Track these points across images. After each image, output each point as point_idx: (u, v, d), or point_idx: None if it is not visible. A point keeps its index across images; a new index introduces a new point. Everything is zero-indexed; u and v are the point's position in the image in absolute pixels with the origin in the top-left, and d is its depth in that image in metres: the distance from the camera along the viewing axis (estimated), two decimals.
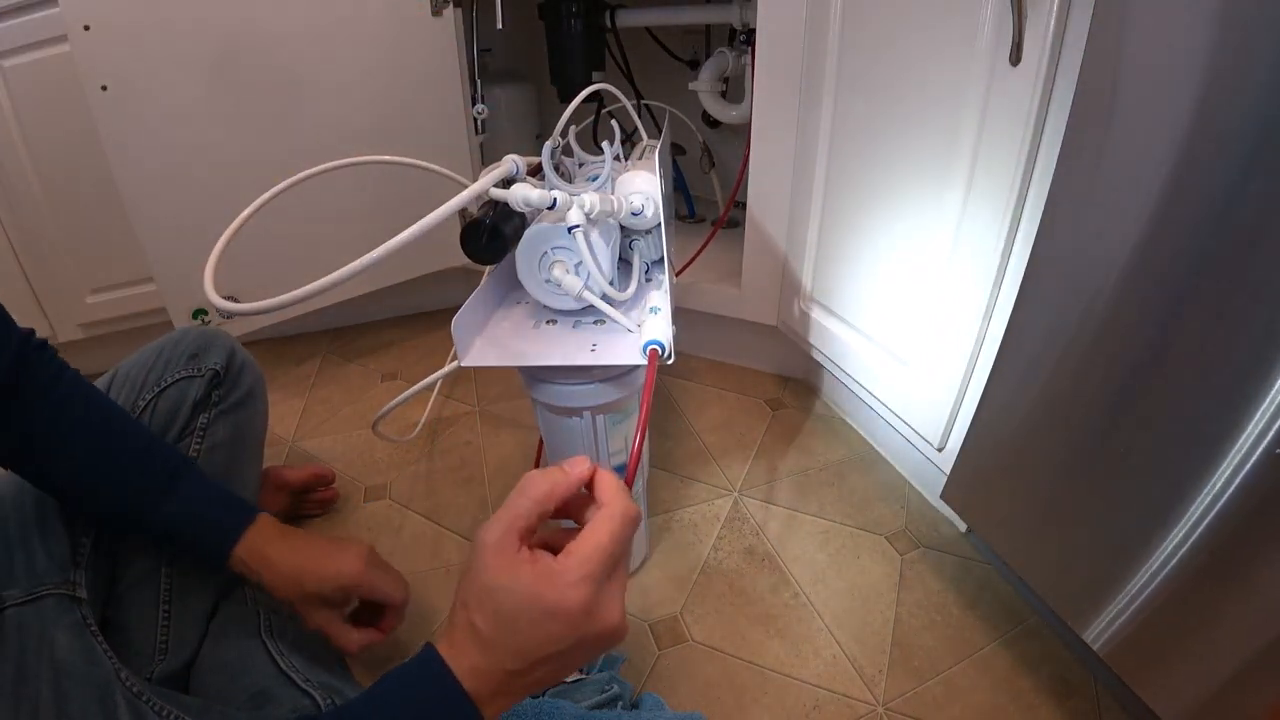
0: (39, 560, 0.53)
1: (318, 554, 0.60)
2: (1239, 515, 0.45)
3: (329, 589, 0.59)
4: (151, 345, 0.68)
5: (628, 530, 0.38)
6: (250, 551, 0.58)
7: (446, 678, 0.35)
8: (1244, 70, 0.41)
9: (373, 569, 0.62)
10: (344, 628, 0.61)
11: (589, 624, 0.35)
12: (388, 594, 0.62)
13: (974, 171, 0.67)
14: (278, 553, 0.58)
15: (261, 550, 0.58)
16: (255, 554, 0.58)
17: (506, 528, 0.36)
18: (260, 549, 0.58)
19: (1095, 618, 0.57)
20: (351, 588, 0.60)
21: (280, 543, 0.59)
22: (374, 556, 0.63)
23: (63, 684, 0.48)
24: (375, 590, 0.61)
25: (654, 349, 0.57)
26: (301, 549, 0.60)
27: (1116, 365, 0.53)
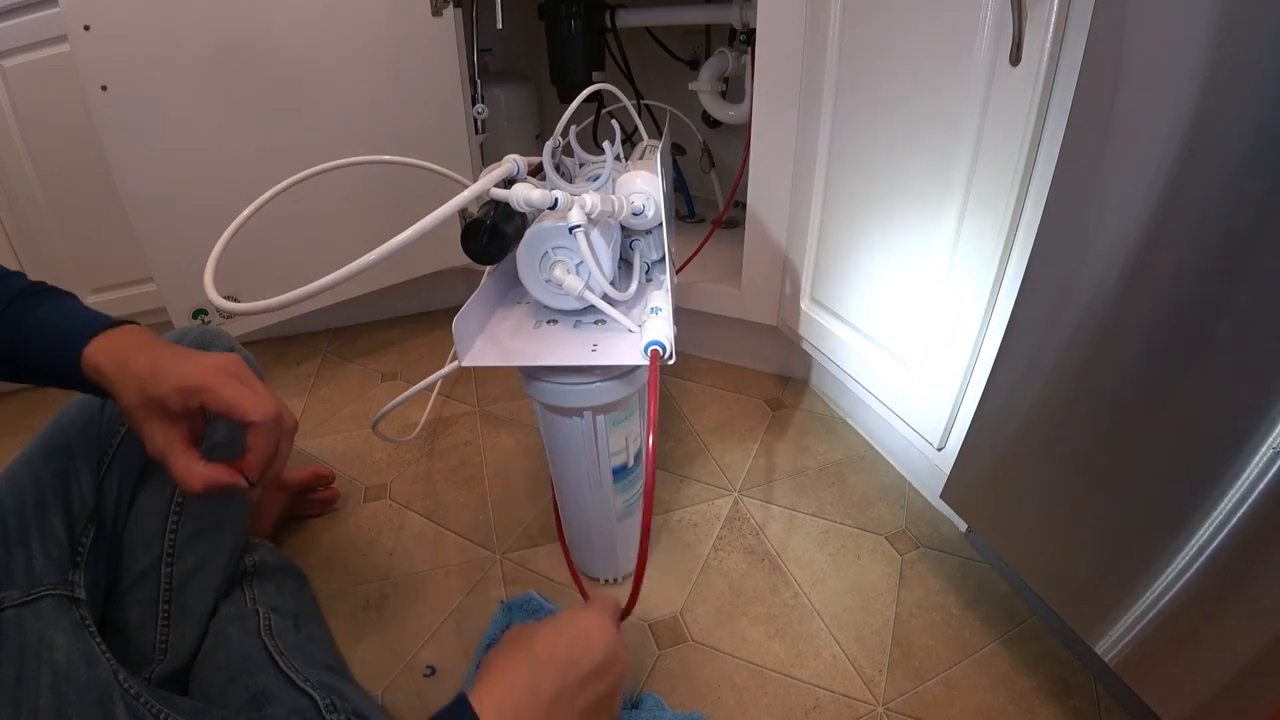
0: (37, 561, 0.53)
1: (171, 356, 0.49)
2: (1249, 521, 0.45)
3: (166, 390, 0.47)
4: None
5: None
6: (102, 352, 0.49)
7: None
8: (1243, 70, 0.41)
9: (226, 376, 0.49)
10: (184, 452, 0.49)
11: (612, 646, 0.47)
12: (236, 403, 0.48)
13: (974, 171, 0.67)
14: (133, 355, 0.49)
15: (118, 351, 0.49)
16: (106, 354, 0.49)
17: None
18: (113, 350, 0.49)
19: (1107, 629, 0.57)
20: (193, 390, 0.47)
21: (141, 348, 0.50)
22: (239, 367, 0.51)
23: (61, 686, 0.48)
24: (222, 399, 0.48)
25: (655, 349, 0.57)
26: (159, 350, 0.49)
27: (1116, 365, 0.53)
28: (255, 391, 0.50)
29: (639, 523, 0.80)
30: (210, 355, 0.50)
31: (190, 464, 0.49)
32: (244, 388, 0.49)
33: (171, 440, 0.48)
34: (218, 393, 0.48)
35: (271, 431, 0.50)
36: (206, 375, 0.48)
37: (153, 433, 0.48)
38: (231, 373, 0.50)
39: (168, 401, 0.47)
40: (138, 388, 0.47)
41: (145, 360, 0.48)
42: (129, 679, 0.51)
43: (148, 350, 0.49)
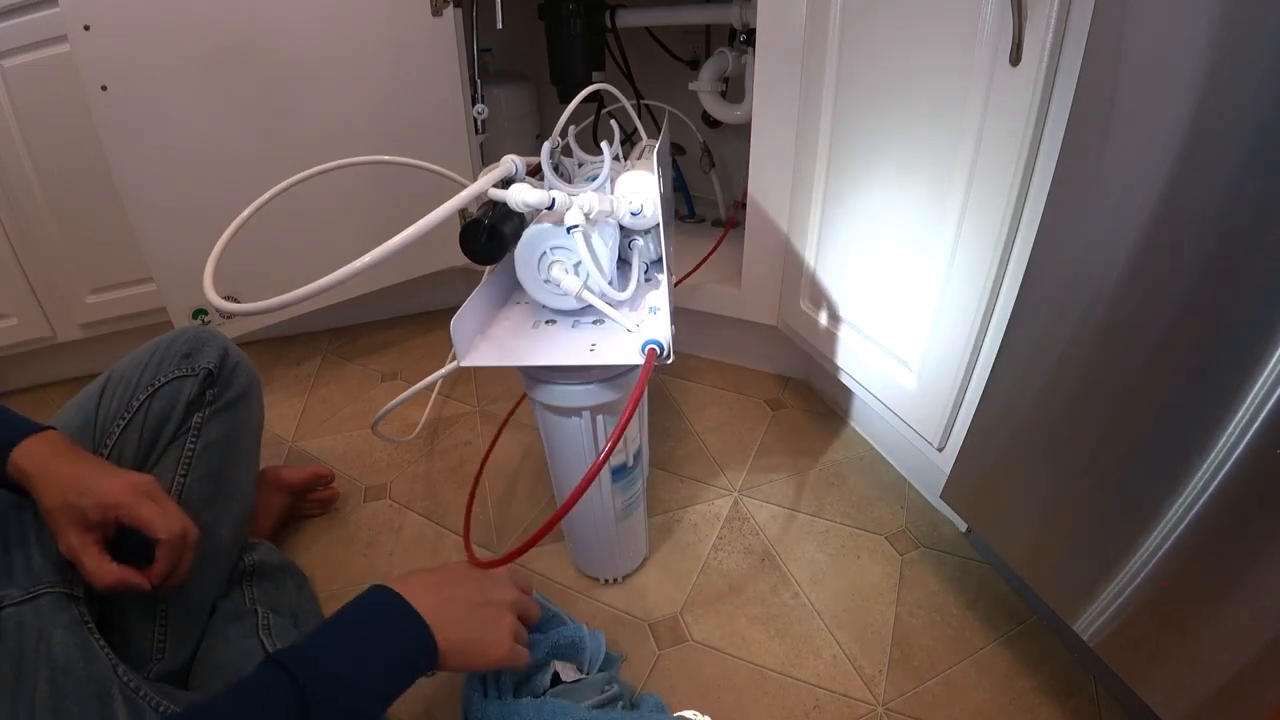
0: (36, 560, 0.54)
1: (94, 471, 0.55)
2: (1251, 522, 0.45)
3: (89, 503, 0.53)
4: (145, 346, 0.68)
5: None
6: (28, 456, 0.54)
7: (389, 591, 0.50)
8: (1243, 70, 0.40)
9: (140, 495, 0.55)
10: (98, 555, 0.54)
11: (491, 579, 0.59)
12: (148, 520, 0.54)
13: (974, 171, 0.67)
14: (57, 462, 0.55)
15: (40, 456, 0.54)
16: (33, 459, 0.54)
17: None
18: (39, 455, 0.55)
19: (1085, 608, 0.57)
20: (111, 506, 0.54)
21: (64, 456, 0.56)
22: (153, 488, 0.57)
23: (59, 681, 0.48)
24: (137, 516, 0.54)
25: (652, 348, 0.57)
26: (83, 465, 0.56)
27: (1116, 365, 0.53)
28: (165, 511, 0.56)
29: (639, 522, 0.80)
30: (128, 475, 0.57)
31: (100, 564, 0.54)
32: (156, 507, 0.56)
33: (85, 544, 0.54)
34: (134, 510, 0.54)
35: (177, 546, 0.56)
36: (124, 494, 0.55)
37: (68, 535, 0.53)
38: (146, 492, 0.56)
39: (89, 512, 0.53)
40: (60, 495, 0.53)
41: (70, 471, 0.54)
42: (128, 673, 0.51)
43: (71, 461, 0.55)
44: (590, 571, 0.82)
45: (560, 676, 0.67)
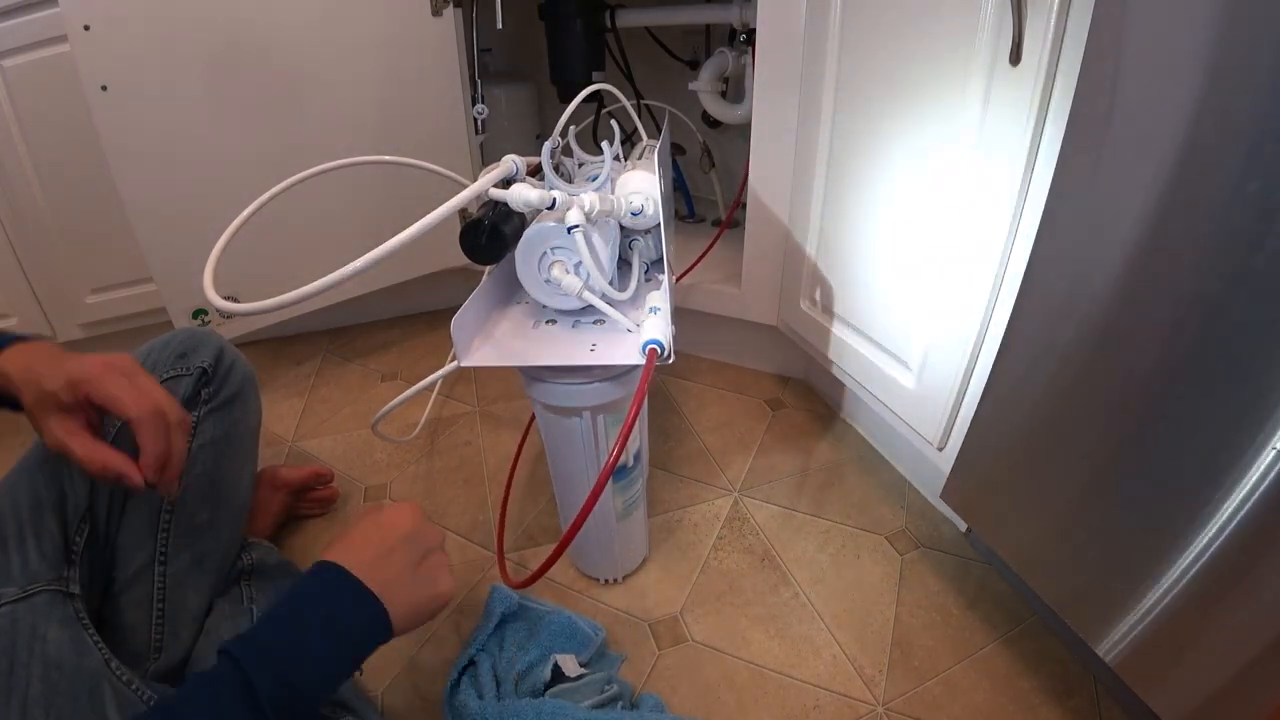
0: (32, 559, 0.54)
1: (70, 358, 0.52)
2: (1251, 522, 0.45)
3: (58, 384, 0.50)
4: (141, 348, 0.68)
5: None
6: (10, 360, 0.52)
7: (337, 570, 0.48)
8: (1243, 70, 0.40)
9: (110, 370, 0.51)
10: (86, 439, 0.51)
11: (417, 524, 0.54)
12: (115, 397, 0.50)
13: (974, 171, 0.67)
14: (39, 361, 0.51)
15: (23, 360, 0.52)
16: (15, 362, 0.51)
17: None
18: (22, 359, 0.52)
19: (1108, 630, 0.57)
20: (78, 382, 0.50)
21: (47, 354, 0.52)
22: (129, 365, 0.53)
23: (52, 677, 0.49)
24: (105, 393, 0.50)
25: (653, 348, 0.57)
26: (61, 356, 0.52)
27: (1116, 365, 0.53)
28: (138, 388, 0.51)
29: (639, 523, 0.80)
30: (104, 355, 0.52)
31: (88, 444, 0.50)
32: (126, 383, 0.51)
33: (69, 430, 0.50)
34: (100, 385, 0.50)
35: (154, 426, 0.51)
36: (92, 369, 0.50)
37: (50, 427, 0.50)
38: (119, 369, 0.52)
39: (59, 394, 0.49)
40: (35, 387, 0.50)
41: (45, 363, 0.51)
42: (121, 667, 0.52)
43: (49, 356, 0.52)
44: (590, 571, 0.82)
45: (561, 668, 0.67)
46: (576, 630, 0.72)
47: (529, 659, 0.69)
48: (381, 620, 0.48)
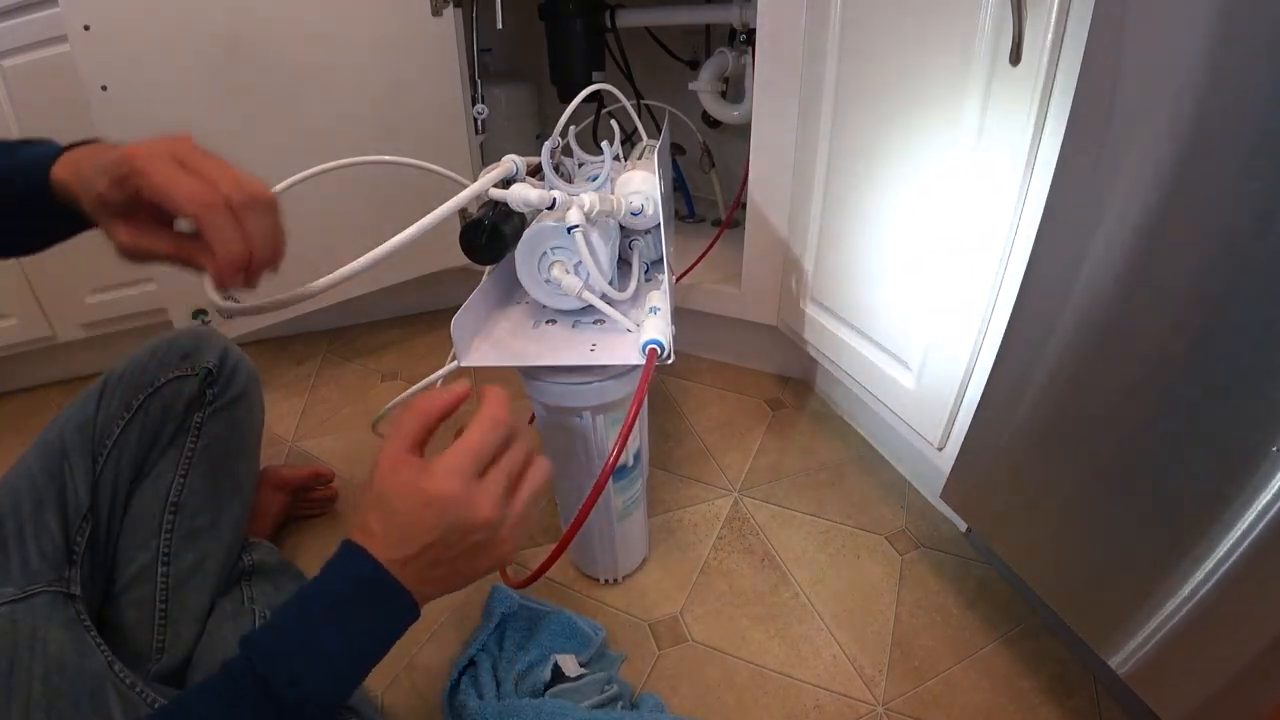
0: (33, 559, 0.54)
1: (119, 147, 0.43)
2: (1253, 522, 0.45)
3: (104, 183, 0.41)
4: (145, 346, 0.68)
5: (492, 431, 0.45)
6: (67, 166, 0.45)
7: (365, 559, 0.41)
8: (1243, 70, 0.40)
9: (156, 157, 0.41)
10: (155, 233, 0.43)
11: (460, 512, 0.41)
12: (163, 190, 0.40)
13: (974, 171, 0.67)
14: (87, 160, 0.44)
15: (76, 164, 0.44)
16: (70, 168, 0.44)
17: (396, 441, 0.44)
18: (76, 162, 0.44)
19: (1108, 630, 0.57)
20: (121, 177, 0.41)
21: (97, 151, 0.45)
22: (183, 148, 0.42)
23: (54, 679, 0.48)
24: (150, 183, 0.40)
25: (653, 348, 0.57)
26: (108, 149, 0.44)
27: (1116, 365, 0.53)
28: (198, 174, 0.41)
29: (639, 522, 0.80)
30: (158, 138, 0.42)
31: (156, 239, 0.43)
32: (178, 171, 0.41)
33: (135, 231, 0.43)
34: (146, 176, 0.40)
35: (217, 221, 0.40)
36: (136, 157, 0.40)
37: (114, 233, 0.43)
38: (168, 153, 0.41)
39: (108, 194, 0.41)
40: (89, 193, 0.42)
41: (91, 162, 0.43)
42: (123, 669, 0.51)
43: (97, 153, 0.44)
44: (590, 571, 0.82)
45: (561, 668, 0.67)
46: (576, 630, 0.72)
47: (529, 659, 0.69)
48: (405, 614, 0.42)
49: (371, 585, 0.40)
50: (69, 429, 0.61)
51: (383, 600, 0.41)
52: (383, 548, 0.41)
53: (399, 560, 0.41)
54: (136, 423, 0.64)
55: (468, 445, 0.44)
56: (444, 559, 0.42)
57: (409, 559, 0.41)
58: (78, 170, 0.44)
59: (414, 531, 0.41)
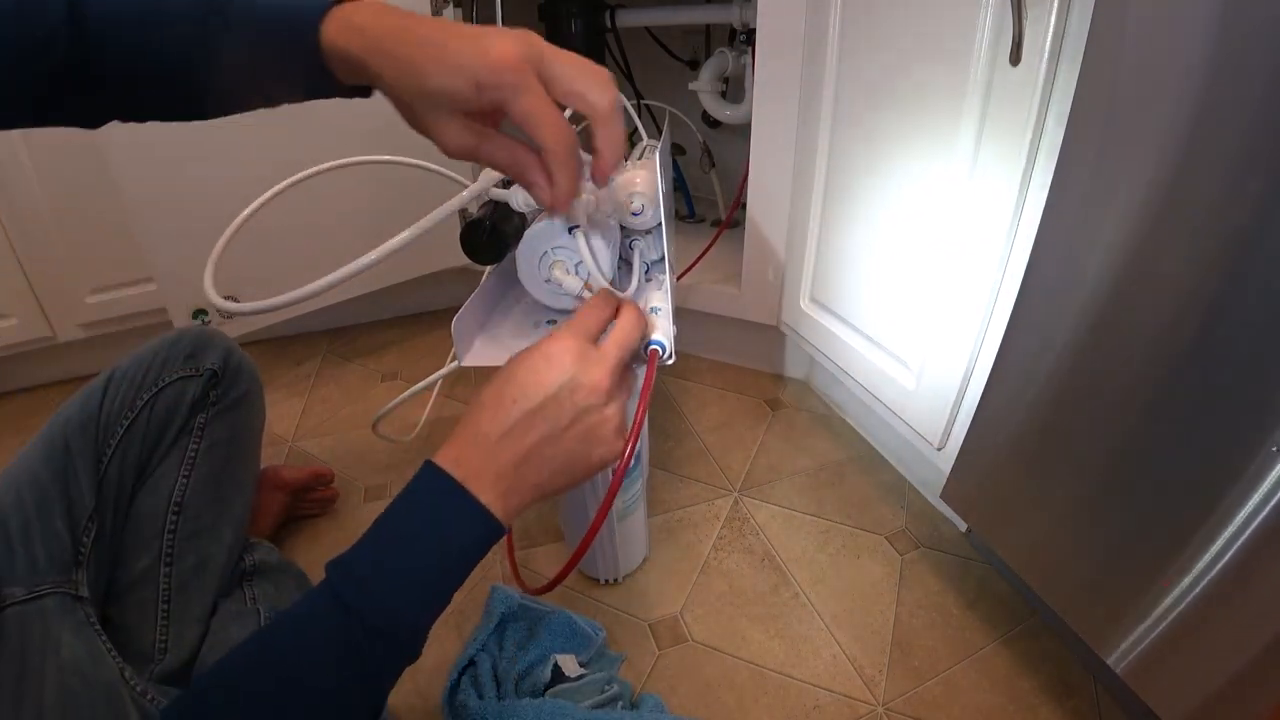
0: (40, 559, 0.53)
1: (447, 31, 0.37)
2: (1253, 522, 0.45)
3: (460, 83, 0.36)
4: (148, 345, 0.68)
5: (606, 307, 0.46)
6: (347, 28, 0.38)
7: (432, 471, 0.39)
8: (1243, 70, 0.41)
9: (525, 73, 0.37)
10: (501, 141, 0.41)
11: (576, 367, 0.40)
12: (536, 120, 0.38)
13: (974, 171, 0.67)
14: (388, 28, 0.38)
15: (360, 34, 0.38)
16: (355, 31, 0.38)
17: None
18: (358, 34, 0.38)
19: (1108, 629, 0.57)
20: (490, 86, 0.36)
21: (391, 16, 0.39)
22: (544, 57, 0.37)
23: (69, 682, 0.48)
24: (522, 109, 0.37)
25: (654, 349, 0.57)
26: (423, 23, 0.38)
27: (1116, 364, 0.53)
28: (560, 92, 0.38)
29: (639, 522, 0.80)
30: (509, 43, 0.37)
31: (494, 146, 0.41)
32: (545, 101, 0.38)
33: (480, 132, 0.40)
34: (521, 99, 0.37)
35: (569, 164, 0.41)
36: (508, 71, 0.36)
37: (446, 131, 0.39)
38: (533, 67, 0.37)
39: (463, 95, 0.37)
40: (413, 82, 0.37)
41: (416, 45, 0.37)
42: (135, 677, 0.51)
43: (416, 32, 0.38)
44: (590, 572, 0.82)
45: (561, 668, 0.67)
46: (576, 630, 0.72)
47: (529, 659, 0.69)
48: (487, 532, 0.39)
49: (444, 500, 0.39)
50: (72, 428, 0.61)
51: (458, 514, 0.39)
52: (476, 426, 0.40)
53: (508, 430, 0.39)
54: (140, 423, 0.64)
55: (583, 317, 0.44)
56: (554, 429, 0.40)
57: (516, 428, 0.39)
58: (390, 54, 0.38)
59: (528, 390, 0.39)
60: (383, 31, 0.38)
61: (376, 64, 0.38)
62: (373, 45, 0.38)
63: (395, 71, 0.38)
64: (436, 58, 0.37)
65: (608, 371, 0.41)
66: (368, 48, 0.38)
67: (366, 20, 0.39)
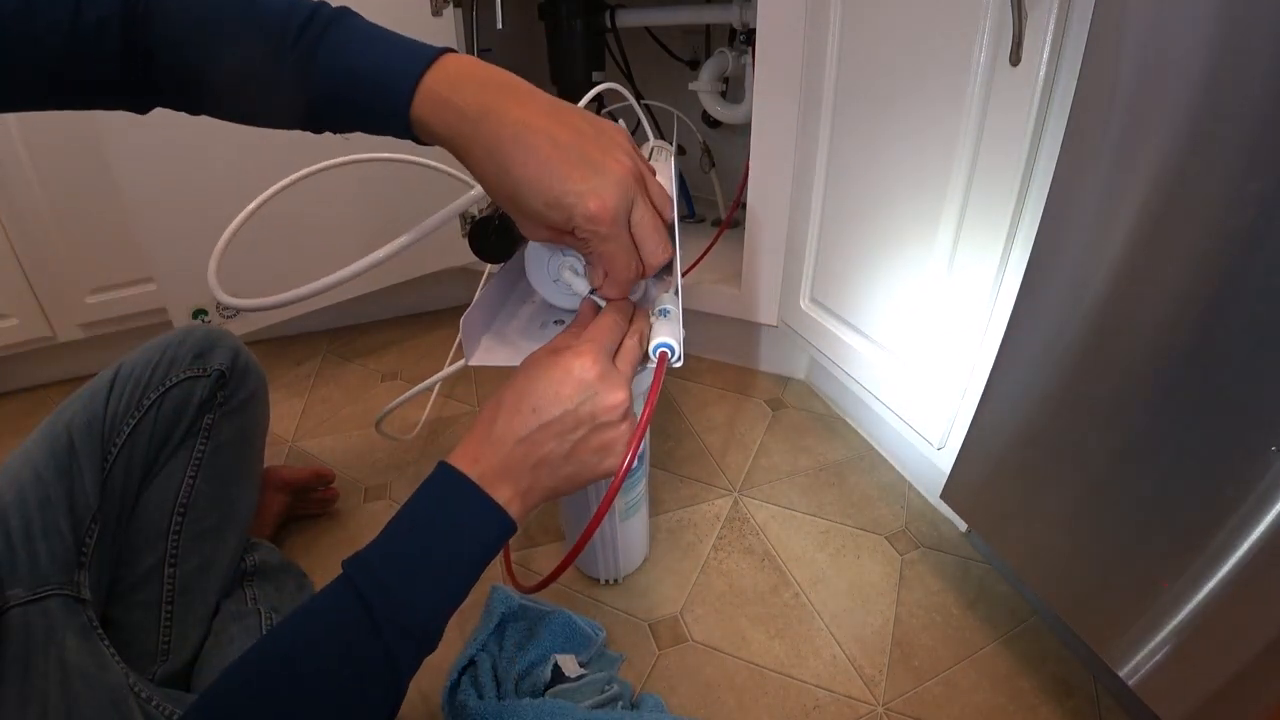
0: (42, 560, 0.53)
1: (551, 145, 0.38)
2: (1254, 523, 0.45)
3: (555, 216, 0.39)
4: (155, 342, 0.67)
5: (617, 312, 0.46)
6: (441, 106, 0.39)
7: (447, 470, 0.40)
8: (1243, 70, 0.41)
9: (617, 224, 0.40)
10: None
11: (597, 386, 0.41)
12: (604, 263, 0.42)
13: (974, 171, 0.67)
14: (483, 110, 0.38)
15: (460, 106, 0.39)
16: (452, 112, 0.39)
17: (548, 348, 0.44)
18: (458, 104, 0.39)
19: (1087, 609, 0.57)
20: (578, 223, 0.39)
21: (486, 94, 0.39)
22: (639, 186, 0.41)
23: (73, 686, 0.48)
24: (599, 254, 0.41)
25: (663, 351, 0.57)
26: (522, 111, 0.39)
27: (1117, 364, 0.53)
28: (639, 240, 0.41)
29: (640, 523, 0.80)
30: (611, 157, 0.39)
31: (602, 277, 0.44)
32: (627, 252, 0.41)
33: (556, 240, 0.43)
34: (599, 249, 0.41)
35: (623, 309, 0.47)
36: (601, 223, 0.39)
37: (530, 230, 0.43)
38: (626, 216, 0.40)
39: (546, 224, 0.40)
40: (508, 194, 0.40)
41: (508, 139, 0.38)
42: (139, 682, 0.51)
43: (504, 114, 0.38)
44: (590, 572, 0.82)
45: (561, 669, 0.67)
46: (576, 630, 0.72)
47: (529, 659, 0.69)
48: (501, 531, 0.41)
49: (460, 498, 0.40)
50: (77, 426, 0.60)
51: (473, 511, 0.40)
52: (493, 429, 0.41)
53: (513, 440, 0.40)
54: (147, 423, 0.63)
55: (602, 325, 0.44)
56: (568, 440, 0.41)
57: (533, 435, 0.40)
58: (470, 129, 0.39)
59: (548, 402, 0.40)
60: (479, 113, 0.38)
61: (468, 155, 0.39)
62: (469, 134, 0.39)
63: (489, 173, 0.39)
64: (537, 181, 0.38)
65: (627, 393, 0.42)
66: (463, 134, 0.39)
67: (465, 101, 0.39)
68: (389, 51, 0.41)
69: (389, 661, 0.37)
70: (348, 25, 0.42)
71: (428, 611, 0.38)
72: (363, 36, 0.42)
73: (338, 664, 0.36)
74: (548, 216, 0.40)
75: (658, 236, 0.42)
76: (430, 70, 0.40)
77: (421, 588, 0.38)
